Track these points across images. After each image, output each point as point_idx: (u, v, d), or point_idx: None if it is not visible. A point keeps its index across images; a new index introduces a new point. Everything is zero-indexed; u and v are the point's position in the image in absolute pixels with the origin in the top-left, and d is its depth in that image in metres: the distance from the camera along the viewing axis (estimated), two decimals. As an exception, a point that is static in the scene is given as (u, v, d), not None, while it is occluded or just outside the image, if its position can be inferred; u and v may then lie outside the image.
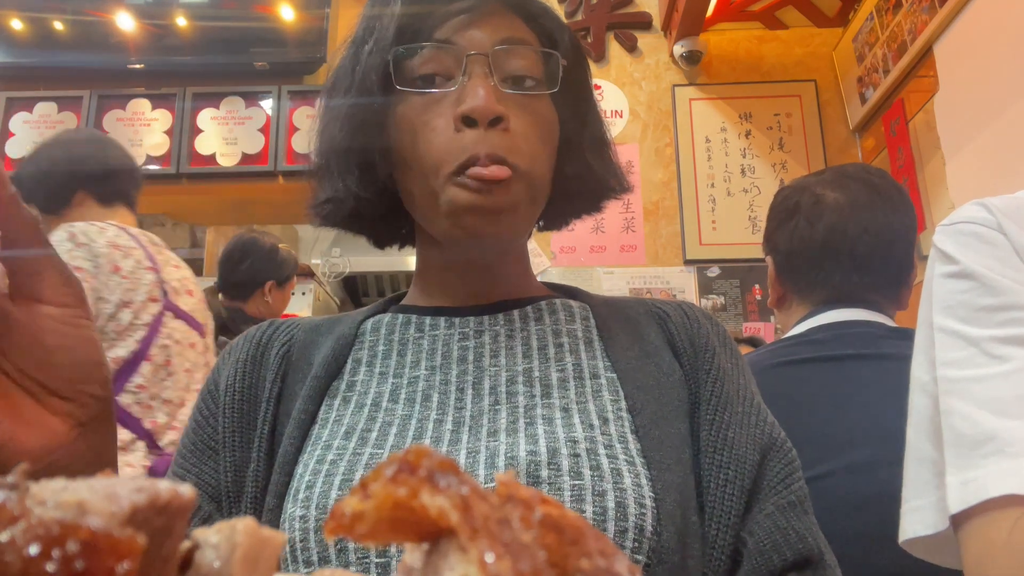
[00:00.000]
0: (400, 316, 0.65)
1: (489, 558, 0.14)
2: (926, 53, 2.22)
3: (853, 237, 1.07)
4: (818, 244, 1.08)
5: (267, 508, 0.54)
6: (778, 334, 2.39)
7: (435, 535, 0.15)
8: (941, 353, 0.62)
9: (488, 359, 0.61)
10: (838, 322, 1.06)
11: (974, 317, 0.60)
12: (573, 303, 0.67)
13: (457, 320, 0.64)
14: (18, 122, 2.96)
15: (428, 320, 0.64)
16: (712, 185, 2.75)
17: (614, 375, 0.60)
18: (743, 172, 2.76)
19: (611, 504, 0.50)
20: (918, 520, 0.62)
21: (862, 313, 1.08)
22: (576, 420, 0.55)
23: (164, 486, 0.17)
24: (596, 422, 0.55)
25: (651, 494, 0.51)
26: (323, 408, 0.59)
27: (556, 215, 0.71)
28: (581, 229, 2.62)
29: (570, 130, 0.64)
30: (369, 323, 0.66)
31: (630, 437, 0.55)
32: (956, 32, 2.07)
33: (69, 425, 0.37)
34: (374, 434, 0.56)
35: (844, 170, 1.16)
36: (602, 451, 0.53)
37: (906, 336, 1.03)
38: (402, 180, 0.61)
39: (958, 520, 0.56)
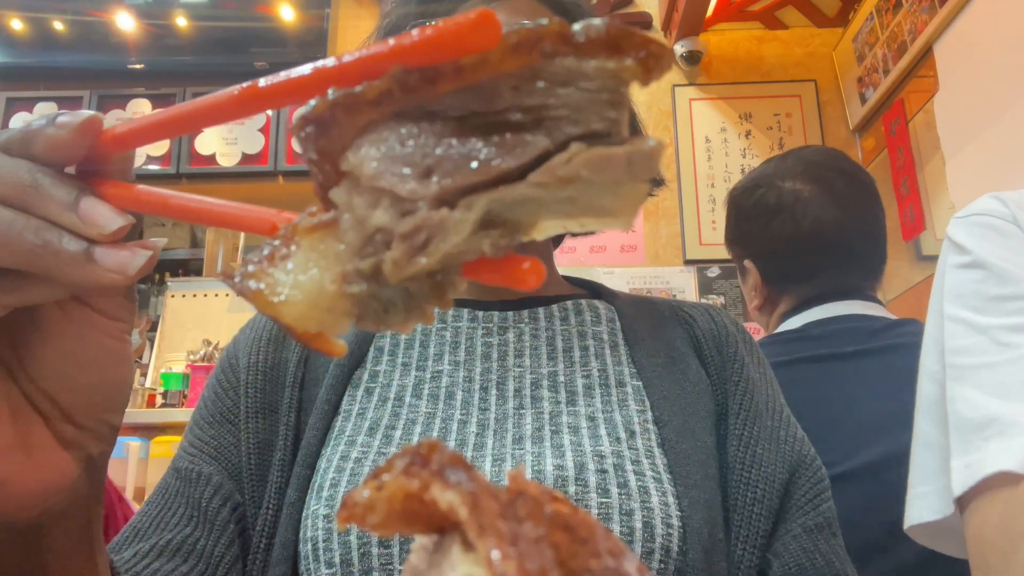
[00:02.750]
0: None
1: (496, 556, 0.14)
2: (926, 53, 2.22)
3: (840, 230, 1.06)
4: (805, 240, 1.06)
5: (288, 501, 0.54)
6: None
7: (444, 528, 0.15)
8: (950, 341, 0.62)
9: (512, 358, 0.59)
10: (834, 316, 1.05)
11: (984, 306, 0.60)
12: (599, 304, 0.65)
13: (480, 314, 0.62)
14: (18, 122, 2.95)
15: (451, 311, 0.63)
16: (712, 185, 2.75)
17: (639, 383, 0.58)
18: (743, 172, 2.76)
19: (639, 524, 0.49)
20: (924, 506, 0.62)
21: (857, 306, 1.06)
22: (603, 432, 0.54)
23: None
24: (623, 435, 0.54)
25: (678, 512, 0.50)
26: (346, 399, 0.58)
27: None
28: (581, 229, 2.61)
29: None
30: None
31: (656, 451, 0.54)
32: (956, 32, 2.07)
33: (77, 461, 0.32)
34: (398, 432, 0.55)
35: (807, 157, 1.13)
36: (629, 467, 0.52)
37: (904, 325, 1.04)
38: None
39: (962, 504, 0.57)
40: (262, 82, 0.22)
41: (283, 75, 0.22)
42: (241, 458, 0.56)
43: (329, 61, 0.21)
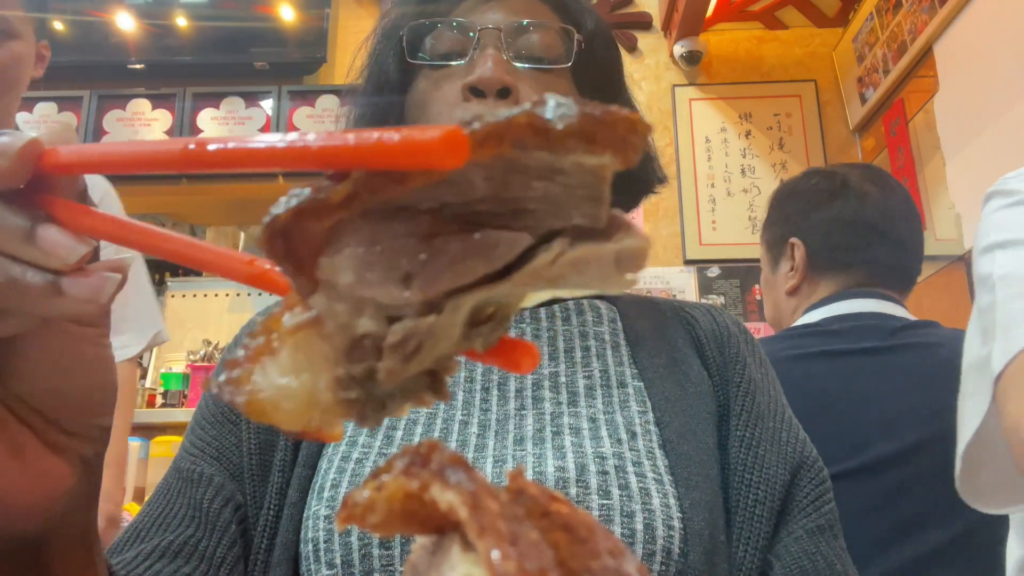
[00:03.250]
0: None
1: (495, 556, 0.14)
2: (926, 53, 2.22)
3: (895, 226, 1.10)
4: (865, 226, 1.10)
5: (289, 502, 0.54)
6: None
7: (444, 528, 0.15)
8: (999, 262, 0.63)
9: None
10: (855, 313, 1.06)
11: None
12: (600, 304, 0.65)
13: None
14: (19, 122, 2.96)
15: None
16: (712, 185, 2.75)
17: (641, 384, 0.58)
18: (743, 172, 2.76)
19: (639, 526, 0.49)
20: (971, 410, 0.63)
21: (878, 304, 1.07)
22: (604, 433, 0.54)
23: None
24: (624, 436, 0.54)
25: (679, 514, 0.50)
26: None
27: None
28: (581, 229, 2.61)
29: None
30: None
31: (658, 453, 0.54)
32: (956, 32, 2.07)
33: (72, 465, 0.32)
34: (399, 432, 0.55)
35: (867, 167, 1.20)
36: (630, 468, 0.51)
37: (924, 327, 1.05)
38: None
39: (1000, 387, 0.58)
40: (211, 146, 0.21)
41: (233, 143, 0.21)
42: (243, 458, 0.56)
43: (283, 139, 0.20)
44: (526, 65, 0.58)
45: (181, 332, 3.01)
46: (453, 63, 0.58)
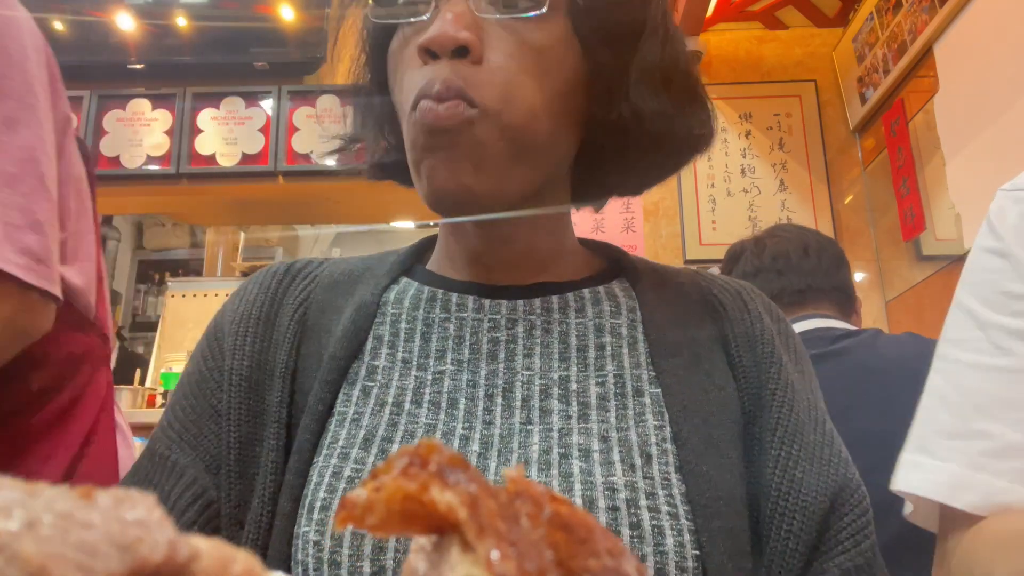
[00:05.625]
0: (426, 289, 0.58)
1: (495, 556, 0.14)
2: (926, 53, 2.22)
3: (796, 254, 1.31)
4: (767, 264, 1.32)
5: (281, 511, 0.50)
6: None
7: (443, 529, 0.15)
8: (950, 328, 0.59)
9: (521, 359, 0.54)
10: (800, 331, 1.20)
11: (994, 300, 0.57)
12: (618, 290, 0.58)
13: (487, 303, 0.56)
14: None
15: (455, 298, 0.57)
16: (712, 185, 2.75)
17: (658, 391, 0.52)
18: (743, 172, 2.76)
19: (650, 573, 0.45)
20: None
21: (820, 322, 1.25)
22: (616, 458, 0.48)
23: (158, 542, 0.13)
24: (638, 461, 0.48)
25: (695, 552, 0.46)
26: (341, 398, 0.53)
27: (612, 176, 0.59)
28: (580, 228, 2.61)
29: (604, 61, 0.51)
30: (392, 293, 0.58)
31: (674, 479, 0.48)
32: (956, 32, 2.07)
33: None
34: (395, 447, 0.51)
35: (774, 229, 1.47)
36: (643, 502, 0.46)
37: (865, 332, 1.21)
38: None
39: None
40: None
41: None
42: (222, 451, 0.53)
43: None
44: (494, 15, 0.49)
45: (181, 332, 3.02)
46: (413, 19, 0.50)
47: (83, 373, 0.86)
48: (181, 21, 3.04)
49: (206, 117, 2.97)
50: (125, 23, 3.02)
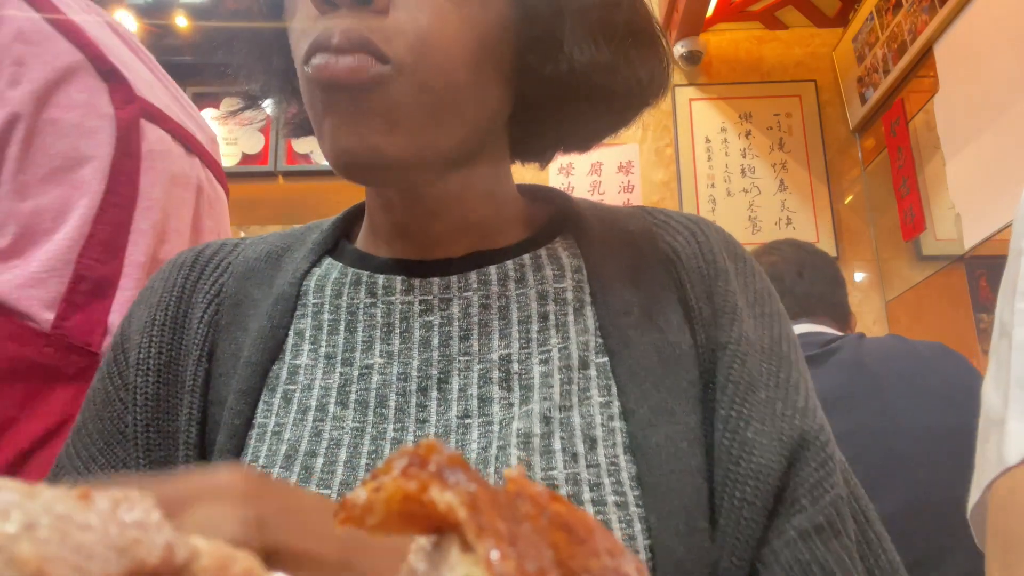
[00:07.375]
0: (350, 272, 0.51)
1: (495, 556, 0.14)
2: (926, 53, 2.22)
3: (790, 276, 1.35)
4: (772, 280, 1.36)
5: None
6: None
7: (443, 529, 0.15)
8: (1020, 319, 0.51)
9: (457, 343, 0.48)
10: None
11: None
12: (561, 251, 0.52)
13: (417, 283, 0.49)
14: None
15: (381, 280, 0.50)
16: (712, 185, 2.75)
17: (606, 359, 0.47)
18: (743, 172, 2.76)
19: None
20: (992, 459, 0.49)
21: (811, 326, 1.28)
22: (556, 447, 0.43)
23: (155, 544, 0.13)
24: (581, 448, 0.44)
25: (646, 541, 0.41)
26: (261, 407, 0.47)
27: (553, 132, 0.52)
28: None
29: (533, 3, 0.45)
30: (313, 279, 0.52)
31: (622, 461, 0.44)
32: (956, 32, 2.07)
33: None
34: (319, 460, 0.45)
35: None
36: (587, 495, 0.42)
37: (853, 337, 1.25)
38: None
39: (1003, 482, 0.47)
40: None
41: None
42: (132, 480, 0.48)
43: None
44: None
45: (181, 332, 3.01)
46: None
47: (17, 391, 0.70)
48: (181, 21, 3.04)
49: (206, 117, 2.97)
50: (125, 23, 3.03)
